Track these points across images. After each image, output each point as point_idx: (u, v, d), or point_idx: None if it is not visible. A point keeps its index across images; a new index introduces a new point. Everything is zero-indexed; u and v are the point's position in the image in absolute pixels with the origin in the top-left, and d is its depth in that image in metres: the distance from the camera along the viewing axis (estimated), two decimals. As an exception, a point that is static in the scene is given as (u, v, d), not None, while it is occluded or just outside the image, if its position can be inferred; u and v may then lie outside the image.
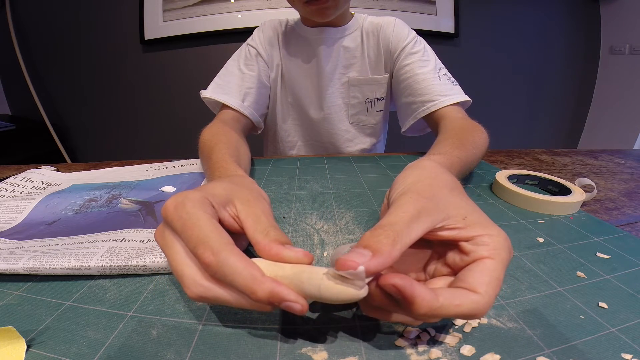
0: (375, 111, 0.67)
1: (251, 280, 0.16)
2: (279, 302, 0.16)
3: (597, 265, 0.26)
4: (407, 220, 0.18)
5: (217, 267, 0.17)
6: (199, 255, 0.17)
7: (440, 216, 0.19)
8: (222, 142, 0.42)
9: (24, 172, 0.46)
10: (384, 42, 0.61)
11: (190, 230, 0.18)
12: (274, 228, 0.20)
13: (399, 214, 0.19)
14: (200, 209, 0.19)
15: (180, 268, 0.18)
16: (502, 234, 0.19)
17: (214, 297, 0.17)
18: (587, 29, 1.64)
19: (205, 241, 0.17)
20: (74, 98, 1.57)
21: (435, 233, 0.19)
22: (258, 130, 0.64)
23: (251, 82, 0.58)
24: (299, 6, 0.55)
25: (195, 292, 0.17)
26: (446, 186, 0.22)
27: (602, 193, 0.42)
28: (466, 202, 0.21)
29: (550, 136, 1.80)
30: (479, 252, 0.18)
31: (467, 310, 0.16)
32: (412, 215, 0.18)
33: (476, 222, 0.19)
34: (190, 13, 1.40)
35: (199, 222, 0.18)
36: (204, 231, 0.18)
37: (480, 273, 0.17)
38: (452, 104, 0.52)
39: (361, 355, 0.18)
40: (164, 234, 0.19)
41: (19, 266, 0.24)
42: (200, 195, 0.20)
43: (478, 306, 0.16)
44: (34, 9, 1.44)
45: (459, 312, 0.16)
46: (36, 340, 0.19)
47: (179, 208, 0.19)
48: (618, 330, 0.19)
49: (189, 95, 1.51)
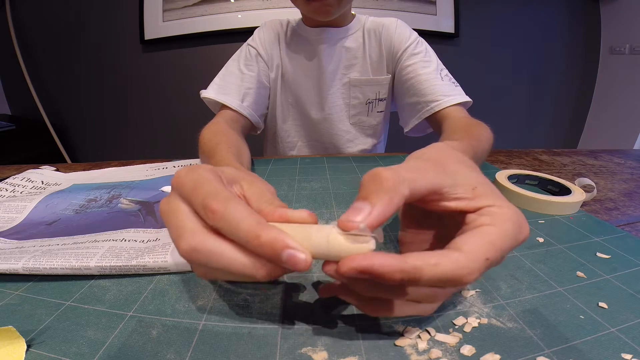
0: (377, 112, 0.67)
1: (256, 225, 0.16)
2: (282, 248, 0.15)
3: (597, 265, 0.26)
4: (412, 170, 0.17)
5: (223, 214, 0.16)
6: (206, 205, 0.16)
7: (447, 180, 0.18)
8: (223, 142, 0.42)
9: (24, 172, 0.46)
10: (386, 43, 0.61)
11: (201, 187, 0.17)
12: (277, 199, 0.20)
13: (403, 166, 0.18)
14: (212, 173, 0.19)
15: (181, 222, 0.17)
16: (513, 208, 0.17)
17: (208, 250, 0.16)
18: (587, 29, 1.64)
19: (215, 193, 0.17)
20: (74, 98, 1.57)
21: (442, 202, 0.18)
22: (257, 131, 0.64)
23: (250, 83, 0.58)
24: (300, 4, 0.55)
25: (190, 243, 0.16)
26: (455, 159, 0.21)
27: (602, 193, 0.42)
28: (477, 175, 0.19)
29: (550, 136, 1.80)
30: (480, 220, 0.17)
31: (446, 270, 0.15)
32: (416, 169, 0.18)
33: (486, 194, 0.18)
34: (190, 13, 1.40)
35: (211, 181, 0.18)
36: (214, 186, 0.17)
37: (471, 235, 0.16)
38: (455, 104, 0.53)
39: (361, 355, 0.18)
40: (169, 200, 0.19)
41: (19, 266, 0.24)
42: (211, 168, 0.20)
43: (458, 265, 0.15)
44: (34, 9, 1.44)
45: (438, 273, 0.15)
46: (36, 340, 0.19)
47: (192, 171, 0.19)
48: (618, 330, 0.19)
49: (189, 95, 1.51)
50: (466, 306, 0.21)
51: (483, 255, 0.15)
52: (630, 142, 1.53)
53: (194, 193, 0.17)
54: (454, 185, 0.18)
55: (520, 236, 0.17)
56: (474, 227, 0.17)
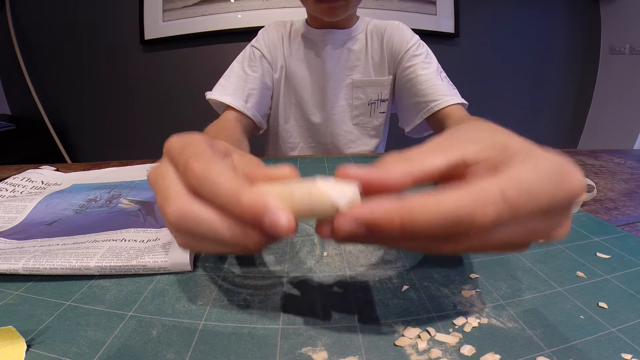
0: (379, 112, 0.67)
1: (236, 187, 0.15)
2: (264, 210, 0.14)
3: (597, 265, 0.26)
4: (424, 149, 0.16)
5: (202, 176, 0.15)
6: (187, 163, 0.16)
7: (471, 148, 0.16)
8: (225, 136, 0.42)
9: (24, 172, 0.46)
10: (388, 44, 0.62)
11: (189, 147, 0.17)
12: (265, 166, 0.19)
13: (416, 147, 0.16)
14: (203, 138, 0.18)
15: (167, 188, 0.16)
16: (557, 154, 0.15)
17: (197, 214, 0.15)
18: (587, 29, 1.64)
19: (198, 154, 0.16)
20: (74, 98, 1.57)
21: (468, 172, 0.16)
22: (260, 131, 0.65)
23: (254, 84, 0.59)
24: (309, 4, 0.55)
25: (178, 207, 0.15)
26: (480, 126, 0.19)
27: (602, 193, 0.42)
28: (508, 134, 0.17)
29: (550, 136, 1.80)
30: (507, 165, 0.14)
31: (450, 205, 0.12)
32: (430, 147, 0.16)
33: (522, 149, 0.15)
34: (190, 13, 1.40)
35: (199, 143, 0.17)
36: (200, 148, 0.17)
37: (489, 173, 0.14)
38: (455, 104, 0.53)
39: (361, 355, 0.18)
40: (159, 167, 0.18)
41: (19, 266, 0.24)
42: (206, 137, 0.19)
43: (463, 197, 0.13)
44: (34, 9, 1.44)
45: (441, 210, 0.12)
46: (36, 340, 0.19)
47: (184, 136, 0.18)
48: (618, 330, 0.19)
49: (189, 95, 1.51)
50: (466, 306, 0.21)
51: (496, 187, 0.13)
52: (630, 142, 1.53)
53: (180, 154, 0.17)
54: (480, 149, 0.15)
55: (565, 184, 0.14)
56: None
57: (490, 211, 0.13)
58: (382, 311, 0.21)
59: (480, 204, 0.13)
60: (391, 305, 0.22)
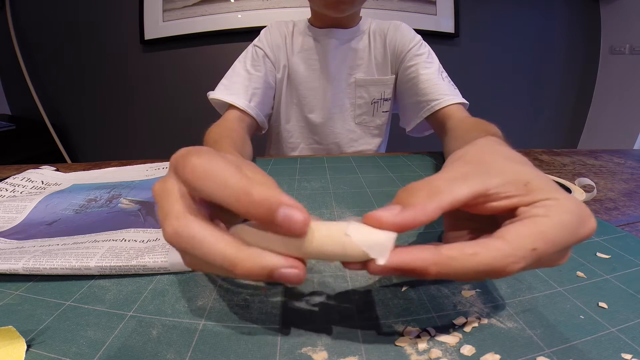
0: (382, 112, 0.68)
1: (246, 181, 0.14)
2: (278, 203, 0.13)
3: (597, 265, 0.26)
4: (450, 178, 0.16)
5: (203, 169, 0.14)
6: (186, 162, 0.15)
7: (492, 181, 0.16)
8: (227, 137, 0.42)
9: (24, 172, 0.46)
10: (391, 43, 0.62)
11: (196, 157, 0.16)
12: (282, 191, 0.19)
13: (440, 174, 0.17)
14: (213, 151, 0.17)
15: (169, 205, 0.16)
16: (574, 200, 0.15)
17: (190, 235, 0.15)
18: (587, 29, 1.64)
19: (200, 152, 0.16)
20: (74, 98, 1.57)
21: (490, 203, 0.16)
22: (262, 131, 0.65)
23: (258, 83, 0.59)
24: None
25: (173, 226, 0.15)
26: (501, 155, 0.19)
27: (602, 193, 0.42)
28: (529, 169, 0.18)
29: (550, 136, 1.80)
30: (532, 211, 0.15)
31: (487, 260, 0.13)
32: (455, 175, 0.16)
33: (542, 187, 0.16)
34: (190, 13, 1.40)
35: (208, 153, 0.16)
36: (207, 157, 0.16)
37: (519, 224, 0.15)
38: (455, 103, 0.53)
39: (361, 355, 0.18)
40: (164, 181, 0.17)
41: (19, 266, 0.24)
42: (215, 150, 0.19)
43: (501, 254, 0.13)
44: (34, 9, 1.44)
45: (477, 264, 0.13)
46: (36, 340, 0.19)
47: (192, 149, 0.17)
48: (618, 330, 0.19)
49: (189, 95, 1.51)
50: (466, 306, 0.21)
51: (530, 245, 0.14)
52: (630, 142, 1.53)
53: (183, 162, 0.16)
54: (502, 184, 0.16)
55: (581, 231, 0.15)
56: (524, 217, 0.15)
57: (521, 266, 0.14)
58: (382, 311, 0.21)
59: (512, 261, 0.14)
60: (391, 305, 0.22)
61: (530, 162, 0.19)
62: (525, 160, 0.19)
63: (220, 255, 0.14)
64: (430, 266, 0.14)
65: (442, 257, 0.14)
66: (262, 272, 0.14)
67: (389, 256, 0.14)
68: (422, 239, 0.30)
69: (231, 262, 0.14)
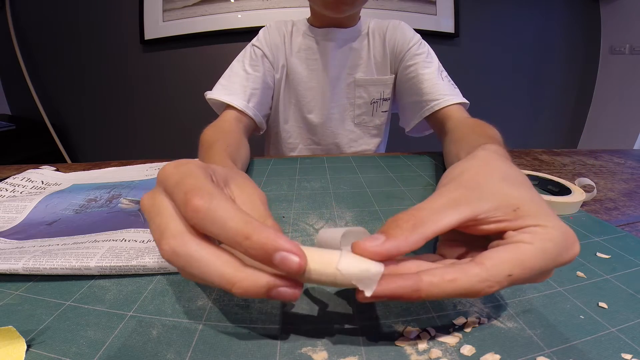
0: (381, 112, 0.67)
1: (244, 224, 0.14)
2: (276, 249, 0.14)
3: (597, 265, 0.26)
4: (437, 207, 0.17)
5: (206, 212, 0.15)
6: (188, 201, 0.15)
7: (483, 206, 0.17)
8: (221, 140, 0.42)
9: (24, 172, 0.46)
10: (390, 43, 0.62)
11: (187, 179, 0.16)
12: (270, 218, 0.19)
13: (429, 201, 0.17)
14: (201, 168, 0.18)
15: (164, 222, 0.16)
16: (560, 227, 0.16)
17: (187, 253, 0.15)
18: (587, 29, 1.64)
19: (199, 187, 0.16)
20: (74, 98, 1.57)
21: (478, 226, 0.17)
22: (260, 132, 0.64)
23: (256, 83, 0.59)
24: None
25: (171, 245, 0.15)
26: (498, 174, 0.19)
27: (602, 193, 0.42)
28: (523, 192, 0.18)
29: (550, 136, 1.80)
30: (517, 237, 0.16)
31: (464, 286, 0.14)
32: (443, 203, 0.17)
33: (531, 214, 0.17)
34: (190, 13, 1.40)
35: (197, 174, 0.17)
36: (200, 180, 0.16)
37: (500, 250, 0.15)
38: (455, 104, 0.53)
39: (361, 355, 0.18)
40: (153, 196, 0.17)
41: (19, 266, 0.24)
42: (203, 164, 0.19)
43: (475, 280, 0.15)
44: (34, 9, 1.44)
45: (456, 289, 0.15)
46: (36, 340, 0.19)
47: (181, 165, 0.18)
48: (618, 330, 0.19)
49: (189, 95, 1.51)
50: (466, 306, 0.21)
51: (507, 271, 0.15)
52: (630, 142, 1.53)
53: (177, 187, 0.16)
54: (492, 209, 0.17)
55: (564, 256, 0.16)
56: (509, 242, 0.16)
57: (495, 289, 0.15)
58: (382, 311, 0.21)
59: (487, 285, 0.15)
60: (391, 305, 0.22)
61: (526, 180, 0.20)
62: (522, 180, 0.20)
63: (218, 275, 0.15)
64: (412, 293, 0.15)
65: (424, 284, 0.15)
66: (259, 291, 0.15)
67: (375, 288, 0.15)
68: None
69: (229, 281, 0.15)
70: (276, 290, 0.15)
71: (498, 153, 0.23)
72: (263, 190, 0.42)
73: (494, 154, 0.22)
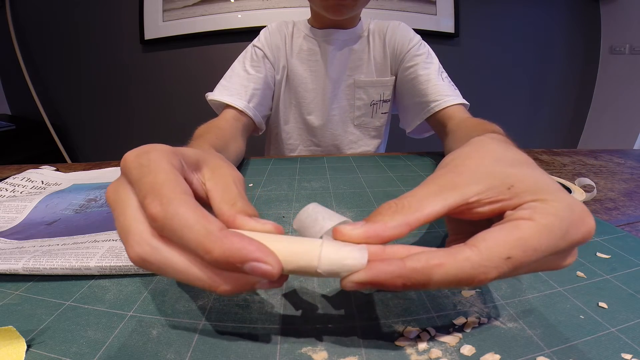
0: (381, 113, 0.67)
1: (204, 236, 0.13)
2: (242, 261, 0.13)
3: (597, 265, 0.26)
4: (422, 194, 0.16)
5: (164, 220, 0.13)
6: (146, 206, 0.14)
7: (473, 189, 0.16)
8: (211, 133, 0.42)
9: (24, 172, 0.46)
10: (390, 44, 0.62)
11: (146, 177, 0.15)
12: (242, 198, 0.18)
13: (416, 189, 0.16)
14: (164, 158, 0.16)
15: (127, 223, 0.15)
16: (565, 201, 0.14)
17: (159, 261, 0.14)
18: (587, 29, 1.64)
19: (156, 189, 0.14)
20: (74, 98, 1.57)
21: (473, 210, 0.16)
22: (259, 132, 0.64)
23: (257, 83, 0.59)
24: (316, 0, 0.55)
25: (137, 252, 0.14)
26: (491, 156, 0.18)
27: (602, 193, 0.42)
28: (519, 170, 0.17)
29: (550, 136, 1.80)
30: (516, 214, 0.14)
31: (453, 271, 0.13)
32: (429, 190, 0.16)
33: (528, 189, 0.15)
34: (190, 13, 1.40)
35: (158, 169, 0.15)
36: (159, 178, 0.15)
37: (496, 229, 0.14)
38: (456, 104, 0.53)
39: (361, 355, 0.18)
40: (117, 189, 0.16)
41: (19, 266, 0.24)
42: (170, 149, 0.17)
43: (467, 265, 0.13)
44: (34, 9, 1.44)
45: (442, 274, 0.13)
46: (36, 340, 0.19)
47: (142, 156, 0.16)
48: (618, 330, 0.19)
49: (189, 95, 1.51)
50: (466, 306, 0.21)
51: (504, 253, 0.13)
52: (630, 142, 1.53)
53: (138, 184, 0.15)
54: (484, 190, 0.16)
55: (574, 233, 0.14)
56: (506, 221, 0.14)
57: (493, 275, 0.13)
58: (382, 311, 0.21)
59: (482, 271, 0.13)
60: (391, 305, 0.22)
61: (529, 160, 0.18)
62: (522, 160, 0.18)
63: (198, 279, 0.14)
64: (396, 279, 0.13)
65: (406, 270, 0.13)
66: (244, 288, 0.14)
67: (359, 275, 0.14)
68: (424, 240, 0.30)
69: (211, 285, 0.14)
70: (260, 284, 0.14)
71: (496, 138, 0.21)
72: (263, 190, 0.42)
73: (489, 138, 0.21)
